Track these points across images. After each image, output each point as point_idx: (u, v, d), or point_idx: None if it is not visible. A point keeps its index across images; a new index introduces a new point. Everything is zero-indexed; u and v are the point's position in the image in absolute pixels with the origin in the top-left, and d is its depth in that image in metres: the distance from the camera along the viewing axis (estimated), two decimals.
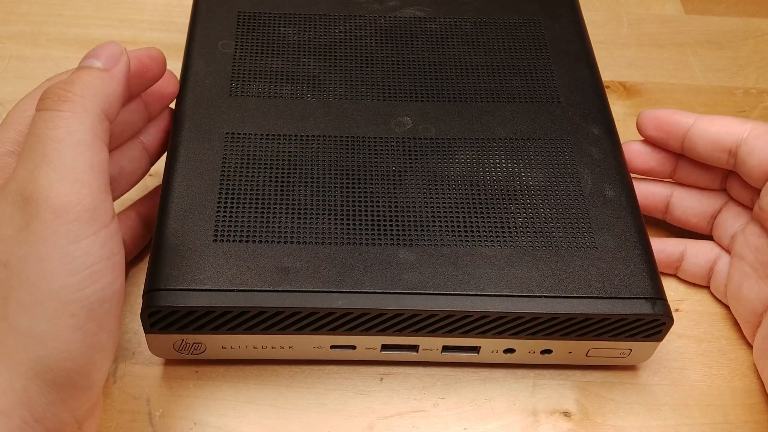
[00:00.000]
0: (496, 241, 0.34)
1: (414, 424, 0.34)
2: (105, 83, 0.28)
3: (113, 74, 0.29)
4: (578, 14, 0.44)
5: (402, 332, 0.33)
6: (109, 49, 0.30)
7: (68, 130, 0.26)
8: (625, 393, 0.36)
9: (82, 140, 0.26)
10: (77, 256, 0.25)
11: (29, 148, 0.26)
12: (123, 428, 0.33)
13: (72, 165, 0.26)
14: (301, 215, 0.34)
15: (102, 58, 0.29)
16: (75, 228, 0.25)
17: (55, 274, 0.25)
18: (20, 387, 0.25)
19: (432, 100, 0.39)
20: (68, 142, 0.26)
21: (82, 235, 0.26)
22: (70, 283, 0.25)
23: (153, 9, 0.52)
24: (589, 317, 0.32)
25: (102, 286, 0.26)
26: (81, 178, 0.26)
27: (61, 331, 0.25)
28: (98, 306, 0.26)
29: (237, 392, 0.35)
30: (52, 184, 0.25)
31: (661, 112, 0.38)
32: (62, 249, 0.25)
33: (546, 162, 0.37)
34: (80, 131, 0.27)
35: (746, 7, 0.55)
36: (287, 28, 0.42)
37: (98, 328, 0.26)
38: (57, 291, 0.25)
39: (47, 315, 0.25)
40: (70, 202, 0.25)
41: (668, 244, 0.40)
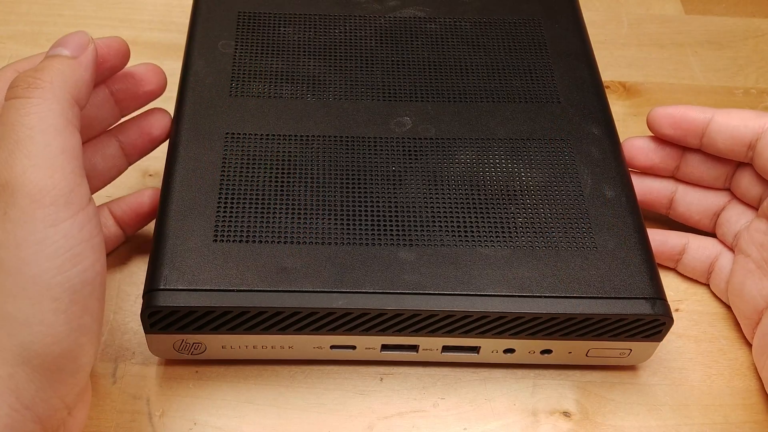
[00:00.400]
0: (496, 241, 0.34)
1: (414, 424, 0.34)
2: (73, 70, 0.29)
3: (81, 61, 0.29)
4: (578, 14, 0.44)
5: (402, 332, 0.33)
6: (76, 38, 0.30)
7: (39, 116, 0.27)
8: (625, 393, 0.36)
9: (53, 125, 0.27)
10: (56, 240, 0.26)
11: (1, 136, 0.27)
12: (123, 428, 0.33)
13: (45, 150, 0.26)
14: (301, 215, 0.34)
15: (69, 47, 0.30)
16: (52, 212, 0.26)
17: (34, 259, 0.25)
18: (7, 374, 0.25)
19: (432, 100, 0.39)
20: (40, 128, 0.26)
21: (59, 219, 0.26)
22: (51, 267, 0.25)
23: (153, 9, 0.52)
24: (589, 317, 0.32)
25: (83, 268, 0.26)
26: (54, 163, 0.26)
27: (45, 315, 0.25)
28: (81, 288, 0.26)
29: (237, 392, 0.35)
30: (26, 170, 0.26)
31: (675, 110, 0.38)
32: (40, 233, 0.25)
33: (546, 162, 0.37)
34: (51, 117, 0.27)
35: (746, 7, 0.55)
36: (287, 28, 0.42)
37: (82, 311, 0.26)
38: (38, 275, 0.25)
39: (30, 300, 0.25)
40: (45, 186, 0.26)
41: (670, 237, 0.39)
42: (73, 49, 0.30)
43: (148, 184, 0.41)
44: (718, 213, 0.39)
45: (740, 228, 0.38)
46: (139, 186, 0.41)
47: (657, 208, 0.41)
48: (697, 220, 0.40)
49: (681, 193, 0.40)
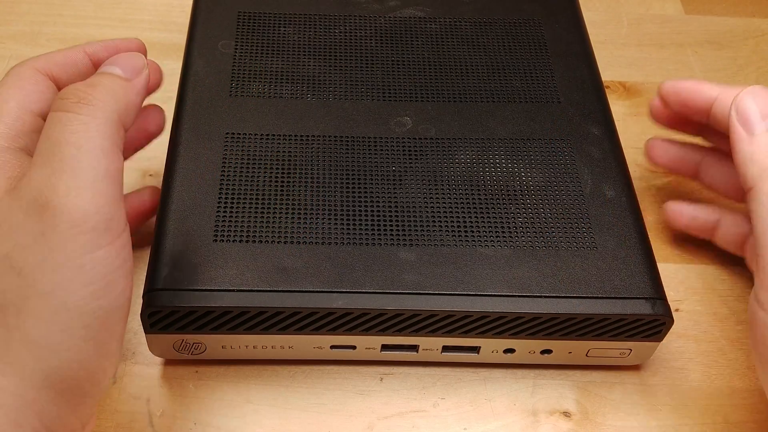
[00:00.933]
0: (496, 241, 0.34)
1: (414, 424, 0.34)
2: (126, 92, 0.28)
3: (134, 84, 0.29)
4: (578, 14, 0.44)
5: (402, 332, 0.33)
6: (132, 60, 0.29)
7: (87, 136, 0.26)
8: (625, 393, 0.36)
9: (100, 147, 0.26)
10: (93, 267, 0.25)
11: (45, 152, 0.26)
12: (123, 428, 0.33)
13: (90, 173, 0.25)
14: (301, 215, 0.34)
15: (124, 68, 0.29)
16: (92, 238, 0.25)
17: (70, 285, 0.25)
18: (32, 398, 0.25)
19: (432, 100, 0.39)
20: (87, 149, 0.25)
21: (98, 246, 0.25)
22: (86, 294, 0.25)
23: (153, 9, 0.52)
24: (589, 317, 0.32)
25: (116, 295, 0.26)
26: (98, 187, 0.25)
27: (75, 342, 0.25)
28: (111, 315, 0.26)
29: (237, 392, 0.35)
30: (70, 193, 0.25)
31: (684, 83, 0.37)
32: (78, 259, 0.25)
33: (546, 162, 0.37)
34: (99, 137, 0.26)
35: (746, 7, 0.55)
36: (287, 28, 0.42)
37: (109, 337, 0.26)
38: (72, 302, 0.25)
39: (61, 326, 0.25)
40: (87, 212, 0.25)
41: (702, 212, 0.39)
42: (127, 71, 0.29)
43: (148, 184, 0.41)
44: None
45: None
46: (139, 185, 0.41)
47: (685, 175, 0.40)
48: (723, 192, 0.39)
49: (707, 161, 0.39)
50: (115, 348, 0.27)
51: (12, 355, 0.25)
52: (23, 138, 0.29)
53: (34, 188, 0.25)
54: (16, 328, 0.25)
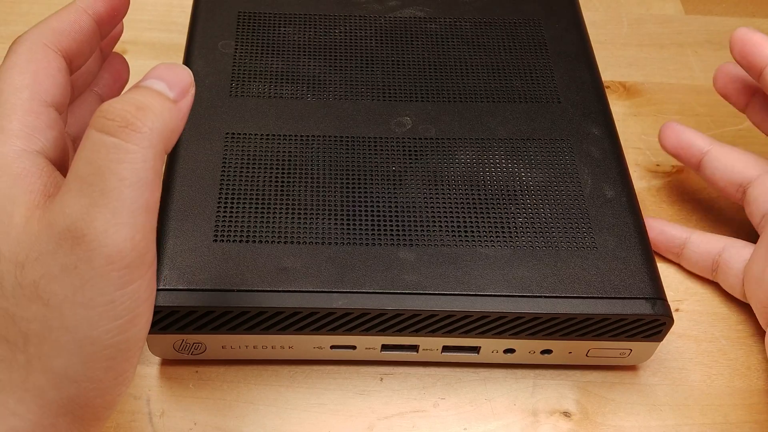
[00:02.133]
0: (496, 241, 0.34)
1: (414, 424, 0.34)
2: (173, 117, 0.25)
3: (180, 107, 0.26)
4: (578, 14, 0.44)
5: (402, 332, 0.33)
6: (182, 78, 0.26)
7: (133, 168, 0.24)
8: (625, 393, 0.36)
9: (144, 180, 0.24)
10: (123, 302, 0.24)
11: (85, 179, 0.24)
12: (123, 428, 0.33)
13: (131, 207, 0.24)
14: (301, 215, 0.34)
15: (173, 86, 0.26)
16: (125, 274, 0.24)
17: (98, 320, 0.24)
18: (49, 424, 0.24)
19: (432, 100, 0.39)
20: (131, 182, 0.24)
21: (130, 281, 0.24)
22: (112, 329, 0.24)
23: (153, 9, 0.52)
24: (589, 317, 0.32)
25: (140, 327, 0.25)
26: (138, 222, 0.24)
27: (95, 373, 0.24)
28: (133, 347, 0.25)
29: (237, 392, 0.35)
30: (108, 228, 0.23)
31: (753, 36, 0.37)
32: (110, 295, 0.24)
33: (546, 162, 0.37)
34: (144, 169, 0.24)
35: (746, 7, 0.55)
36: (287, 28, 0.42)
37: (129, 365, 0.26)
38: (97, 336, 0.24)
39: (84, 358, 0.24)
40: (125, 248, 0.23)
41: (670, 228, 0.40)
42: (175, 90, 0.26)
43: None
44: (745, 187, 0.38)
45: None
46: None
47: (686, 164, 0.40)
48: (722, 187, 0.39)
49: (713, 153, 0.39)
50: (131, 374, 0.26)
51: (31, 382, 0.24)
52: (39, 137, 0.26)
53: (69, 217, 0.23)
54: (36, 357, 0.24)
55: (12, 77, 0.27)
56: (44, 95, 0.27)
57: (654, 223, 0.40)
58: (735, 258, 0.38)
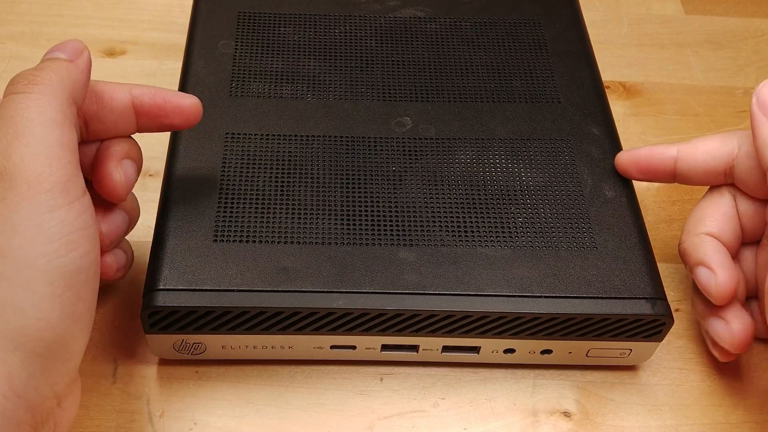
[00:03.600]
0: (496, 241, 0.34)
1: (414, 424, 0.34)
2: (70, 72, 0.30)
3: (77, 64, 0.30)
4: (578, 14, 0.45)
5: (402, 332, 0.33)
6: (71, 44, 0.31)
7: (39, 110, 0.27)
8: (625, 393, 0.36)
9: (52, 119, 0.27)
10: (52, 225, 0.26)
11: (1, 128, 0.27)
12: (123, 428, 0.33)
13: (43, 140, 0.27)
14: (301, 215, 0.34)
15: (66, 52, 0.31)
16: (49, 198, 0.26)
17: (30, 243, 0.26)
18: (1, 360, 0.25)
19: (432, 100, 0.39)
20: (39, 120, 0.27)
21: (56, 205, 0.26)
22: (47, 251, 0.26)
23: (153, 9, 0.52)
24: (589, 317, 0.32)
25: (78, 254, 0.27)
26: (53, 153, 0.27)
27: (40, 300, 0.26)
28: (76, 275, 0.26)
29: (237, 392, 0.35)
30: (24, 158, 0.26)
31: (639, 154, 0.36)
32: (37, 218, 0.26)
33: (546, 162, 0.37)
34: (50, 111, 0.28)
35: (746, 7, 0.55)
36: (287, 28, 0.42)
37: (76, 298, 0.27)
38: (34, 259, 0.26)
39: (25, 284, 0.25)
40: (43, 173, 0.26)
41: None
42: (69, 54, 0.31)
43: (148, 184, 0.41)
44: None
45: None
46: (139, 185, 0.41)
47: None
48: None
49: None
50: (84, 311, 0.27)
51: None
52: None
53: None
54: None
55: None
56: None
57: None
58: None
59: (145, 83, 0.47)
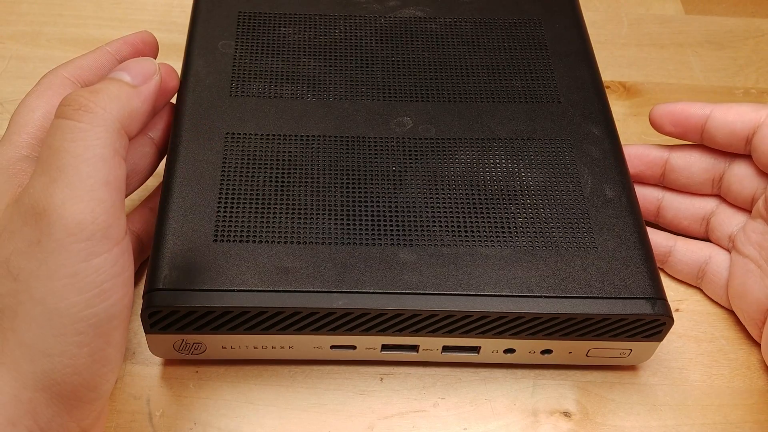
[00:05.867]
0: (496, 241, 0.34)
1: (414, 424, 0.34)
2: (130, 99, 0.27)
3: (140, 91, 0.28)
4: (578, 14, 0.44)
5: (402, 332, 0.33)
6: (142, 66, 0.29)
7: (86, 144, 0.25)
8: (625, 393, 0.36)
9: (99, 155, 0.25)
10: (88, 275, 0.25)
11: (45, 160, 0.25)
12: (123, 428, 0.33)
13: (88, 182, 0.25)
14: (301, 215, 0.34)
15: (133, 73, 0.28)
16: (87, 247, 0.25)
17: (63, 292, 0.25)
18: (27, 398, 0.25)
19: (432, 100, 0.39)
20: (86, 157, 0.25)
21: (94, 254, 0.25)
22: (79, 301, 0.25)
23: (153, 9, 0.52)
24: (590, 317, 0.32)
25: (111, 303, 0.26)
26: (96, 196, 0.25)
27: (68, 348, 0.25)
28: (106, 323, 0.26)
29: (237, 392, 0.35)
30: (66, 201, 0.25)
31: (675, 107, 0.38)
32: (73, 267, 0.25)
33: (546, 162, 0.37)
34: (99, 145, 0.26)
35: (746, 7, 0.55)
36: (287, 28, 0.42)
37: (105, 344, 0.26)
38: (65, 309, 0.25)
39: (54, 331, 0.25)
40: (84, 220, 0.25)
41: (655, 236, 0.40)
42: (135, 77, 0.28)
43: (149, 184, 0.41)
44: (707, 218, 0.39)
45: (734, 230, 0.38)
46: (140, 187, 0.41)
47: (646, 216, 0.40)
48: (686, 226, 0.40)
49: (669, 199, 0.40)
50: (113, 355, 0.26)
51: (6, 356, 0.25)
52: None
53: (32, 196, 0.25)
54: (11, 331, 0.25)
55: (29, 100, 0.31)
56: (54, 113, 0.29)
57: None
58: (721, 267, 0.38)
59: None
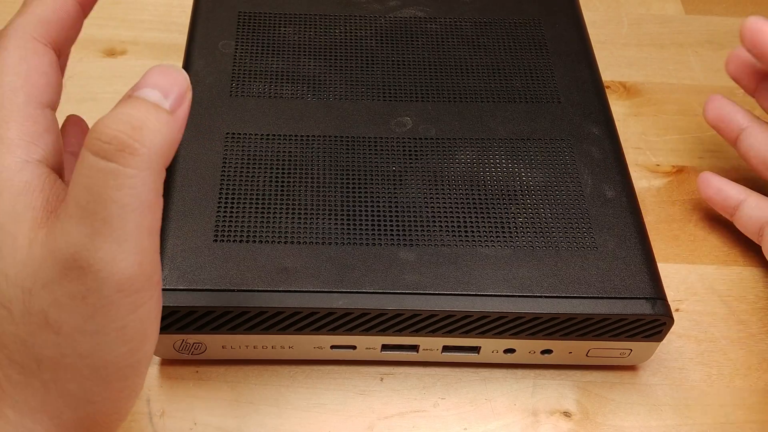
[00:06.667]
0: (496, 241, 0.34)
1: (414, 424, 0.34)
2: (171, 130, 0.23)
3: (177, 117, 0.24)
4: (578, 14, 0.44)
5: (402, 332, 0.33)
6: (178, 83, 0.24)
7: (134, 192, 0.22)
8: (626, 393, 0.36)
9: (146, 202, 0.23)
10: (135, 326, 0.24)
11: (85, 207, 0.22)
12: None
13: (136, 233, 0.22)
14: (301, 215, 0.34)
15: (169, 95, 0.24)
16: (136, 299, 0.23)
17: (111, 346, 0.23)
18: None
19: (432, 100, 0.39)
20: (133, 207, 0.22)
21: (140, 305, 0.23)
22: (125, 352, 0.24)
23: (153, 9, 0.52)
24: (590, 317, 0.32)
25: (150, 345, 0.25)
26: (143, 247, 0.23)
27: (111, 393, 0.24)
28: (145, 363, 0.25)
29: (237, 392, 0.35)
30: (116, 257, 0.22)
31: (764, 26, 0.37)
32: (122, 321, 0.23)
33: (546, 162, 0.37)
34: (146, 192, 0.22)
35: (746, 7, 0.55)
36: (287, 28, 0.42)
37: (141, 379, 0.25)
38: (112, 361, 0.24)
39: (100, 381, 0.24)
40: (133, 275, 0.23)
41: (729, 187, 0.40)
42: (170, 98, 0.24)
43: None
44: None
45: None
46: None
47: (726, 136, 0.41)
48: (755, 164, 0.39)
49: (750, 130, 0.40)
50: (142, 383, 0.26)
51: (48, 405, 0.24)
52: (39, 144, 0.25)
53: (72, 246, 0.22)
54: (52, 382, 0.24)
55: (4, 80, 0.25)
56: (39, 96, 0.26)
57: (711, 179, 0.41)
58: None
59: None
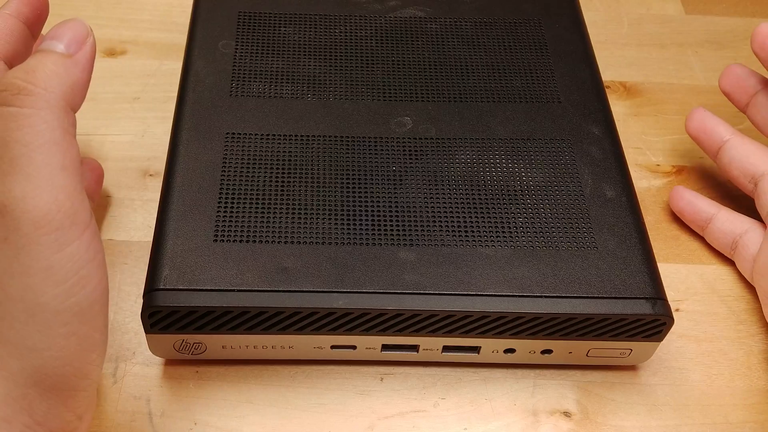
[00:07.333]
0: (496, 241, 0.34)
1: (414, 424, 0.34)
2: (69, 71, 0.25)
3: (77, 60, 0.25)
4: (578, 14, 0.44)
5: (402, 332, 0.33)
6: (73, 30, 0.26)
7: (34, 130, 0.23)
8: (626, 393, 0.36)
9: (50, 140, 0.24)
10: (63, 265, 0.24)
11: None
12: (123, 428, 0.33)
13: (45, 169, 0.23)
14: (301, 215, 0.34)
15: (65, 40, 0.26)
16: (58, 236, 0.24)
17: (41, 287, 0.24)
18: (19, 395, 0.24)
19: (432, 100, 0.39)
20: (36, 144, 0.23)
21: (65, 243, 0.24)
22: (59, 293, 0.24)
23: (153, 9, 0.52)
24: (590, 317, 0.32)
25: (91, 289, 0.25)
26: (56, 183, 0.23)
27: (55, 340, 0.24)
28: (89, 309, 0.25)
29: (237, 392, 0.35)
30: (26, 194, 0.23)
31: None
32: (46, 260, 0.23)
33: (546, 162, 0.37)
34: (48, 129, 0.24)
35: (746, 7, 0.55)
36: (287, 28, 0.42)
37: (92, 330, 0.25)
38: (46, 303, 0.24)
39: (39, 327, 0.24)
40: (49, 211, 0.23)
41: (700, 201, 0.40)
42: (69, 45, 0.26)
43: (149, 184, 0.41)
44: (756, 178, 0.39)
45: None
46: (139, 185, 0.41)
47: (708, 150, 0.41)
48: (736, 176, 0.40)
49: (732, 143, 0.40)
50: (99, 339, 0.26)
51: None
52: None
53: None
54: None
55: None
56: None
57: (684, 193, 0.41)
58: (753, 242, 0.38)
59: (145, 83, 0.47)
